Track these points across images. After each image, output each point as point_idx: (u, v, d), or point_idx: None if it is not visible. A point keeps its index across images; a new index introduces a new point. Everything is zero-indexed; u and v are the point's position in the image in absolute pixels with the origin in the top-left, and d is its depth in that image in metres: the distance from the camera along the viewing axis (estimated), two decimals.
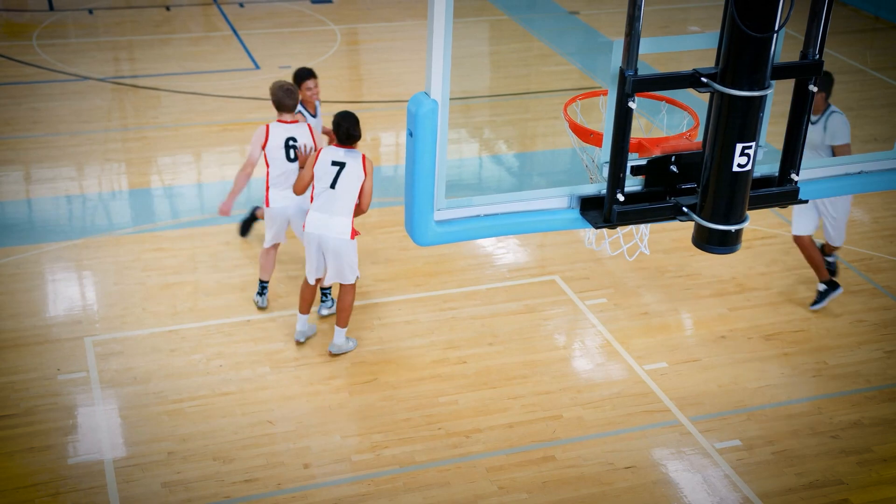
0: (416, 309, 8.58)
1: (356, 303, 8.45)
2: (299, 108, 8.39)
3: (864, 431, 7.34)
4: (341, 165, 7.44)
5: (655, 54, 11.94)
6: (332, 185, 7.45)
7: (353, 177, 7.44)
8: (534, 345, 8.20)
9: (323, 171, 7.47)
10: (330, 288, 8.46)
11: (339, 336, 7.93)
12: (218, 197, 10.43)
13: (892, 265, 9.46)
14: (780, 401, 7.65)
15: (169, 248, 9.39)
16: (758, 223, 10.04)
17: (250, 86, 13.03)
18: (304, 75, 8.51)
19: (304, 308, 7.96)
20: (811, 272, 9.28)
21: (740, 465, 7.01)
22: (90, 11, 15.69)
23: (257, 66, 13.70)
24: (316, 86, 8.53)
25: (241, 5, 16.13)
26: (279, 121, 8.00)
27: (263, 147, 7.99)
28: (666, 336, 8.37)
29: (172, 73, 13.39)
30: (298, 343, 8.04)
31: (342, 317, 7.85)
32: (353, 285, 7.80)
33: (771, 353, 8.19)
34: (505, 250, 9.52)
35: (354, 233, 7.58)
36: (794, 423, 7.43)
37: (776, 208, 10.12)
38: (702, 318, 8.65)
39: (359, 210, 7.54)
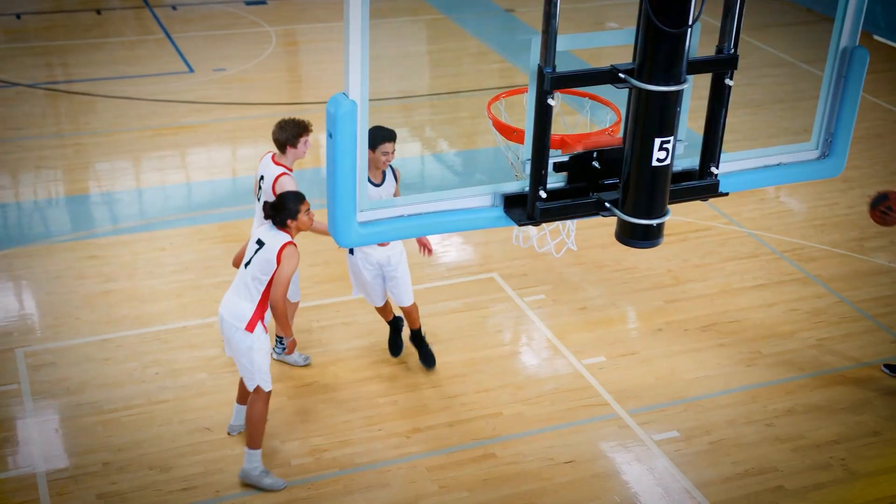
0: (355, 311, 8.54)
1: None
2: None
3: (797, 418, 7.46)
4: (260, 245, 6.35)
5: (592, 51, 12.05)
6: (246, 264, 6.41)
7: (264, 262, 6.28)
8: (473, 343, 8.21)
9: (250, 243, 6.47)
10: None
11: (248, 459, 6.62)
12: (153, 202, 10.30)
13: (824, 254, 9.64)
14: (717, 391, 7.75)
15: (103, 255, 9.24)
16: (693, 215, 10.16)
17: (184, 89, 12.88)
18: (382, 137, 6.93)
19: (239, 397, 7.00)
20: (746, 263, 9.43)
21: (678, 456, 7.09)
22: (17, 16, 15.39)
23: (191, 70, 13.55)
24: (393, 150, 7.00)
25: (174, 8, 15.93)
26: (269, 153, 7.25)
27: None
28: (604, 330, 8.43)
29: (104, 77, 13.18)
30: (229, 435, 7.08)
31: (248, 435, 6.59)
32: (260, 395, 6.49)
33: (707, 343, 8.30)
34: (444, 249, 9.52)
35: (253, 324, 6.33)
36: (730, 412, 7.53)
37: (710, 200, 10.23)
38: (639, 311, 8.72)
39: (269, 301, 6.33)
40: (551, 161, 3.74)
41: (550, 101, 3.53)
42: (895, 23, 15.31)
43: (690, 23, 3.39)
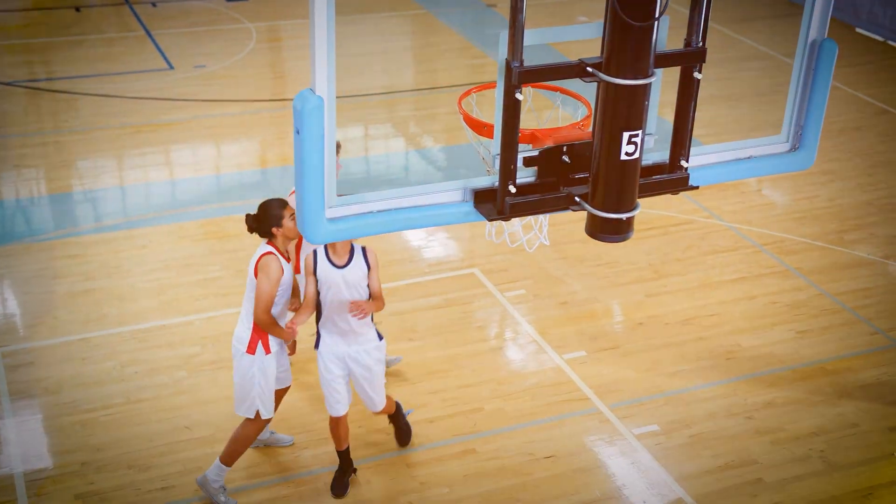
0: None
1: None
2: None
3: (777, 411, 7.48)
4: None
5: (567, 45, 12.04)
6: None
7: (250, 278, 6.10)
8: (454, 339, 8.20)
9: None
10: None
11: (215, 471, 6.40)
12: (135, 200, 10.26)
13: (804, 247, 9.66)
14: (697, 384, 7.76)
15: (82, 254, 9.19)
16: (673, 209, 10.18)
17: (164, 86, 12.82)
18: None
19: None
20: (727, 257, 9.44)
21: (658, 450, 7.10)
22: None
23: (171, 67, 13.48)
24: None
25: (154, 5, 15.86)
26: None
27: None
28: (585, 325, 8.43)
29: (84, 75, 13.11)
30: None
31: (227, 450, 6.37)
32: (257, 420, 6.27)
33: (687, 337, 8.31)
34: (425, 244, 9.51)
35: (252, 346, 6.11)
36: (710, 405, 7.54)
37: (690, 193, 10.27)
38: (620, 305, 8.73)
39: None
40: (521, 156, 3.73)
41: (518, 96, 3.52)
42: (876, 15, 15.36)
43: (657, 16, 3.38)
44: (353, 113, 12.16)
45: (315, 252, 6.07)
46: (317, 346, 6.29)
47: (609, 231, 3.73)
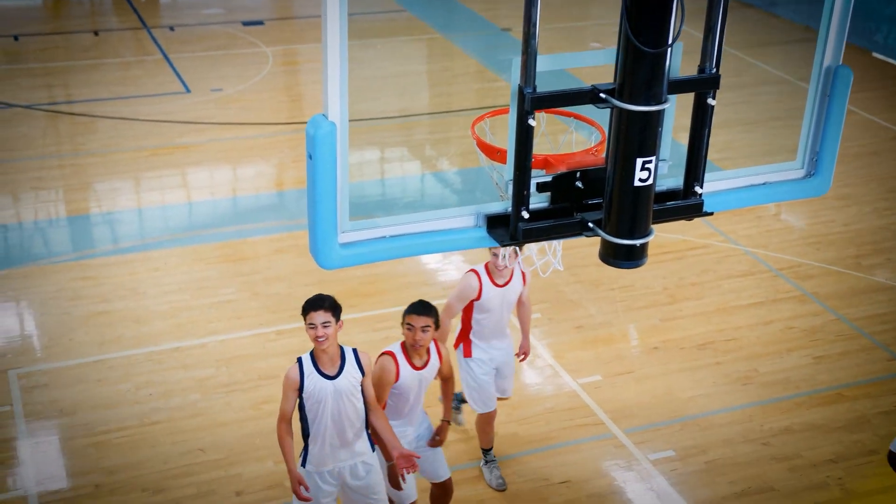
0: (351, 330, 8.49)
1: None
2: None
3: (793, 437, 7.41)
4: None
5: (581, 69, 12.05)
6: None
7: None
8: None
9: None
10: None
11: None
12: (151, 222, 10.30)
13: (820, 272, 9.61)
14: (713, 410, 7.71)
15: (97, 276, 9.23)
16: (689, 234, 10.14)
17: (181, 109, 12.91)
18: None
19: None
20: (743, 281, 9.40)
21: (674, 476, 7.04)
22: (15, 38, 15.45)
23: (188, 90, 13.58)
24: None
25: (172, 29, 15.99)
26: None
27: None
28: (600, 349, 8.40)
29: (102, 98, 13.21)
30: None
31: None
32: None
33: (703, 362, 8.26)
34: (442, 267, 9.50)
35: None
36: (727, 431, 7.48)
37: (706, 217, 10.23)
38: (635, 329, 8.69)
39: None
40: (534, 181, 3.71)
41: (531, 122, 3.52)
42: (892, 40, 15.32)
43: (670, 42, 3.38)
44: (368, 136, 12.20)
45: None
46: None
47: (622, 257, 3.71)
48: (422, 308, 5.74)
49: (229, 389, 7.75)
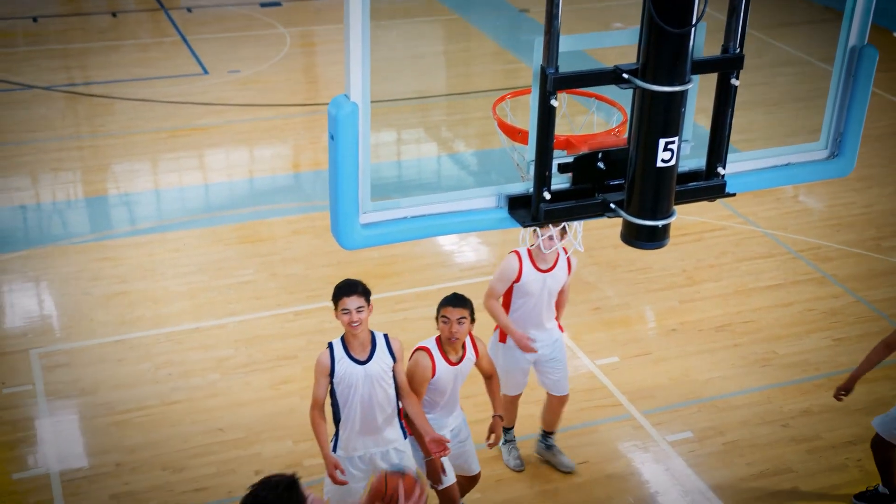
0: None
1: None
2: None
3: (813, 419, 7.40)
4: None
5: (602, 50, 12.00)
6: None
7: None
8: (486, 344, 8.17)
9: None
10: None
11: None
12: (169, 204, 10.34)
13: (840, 254, 9.56)
14: (731, 391, 7.70)
15: (117, 256, 9.28)
16: (708, 215, 10.11)
17: (199, 91, 12.92)
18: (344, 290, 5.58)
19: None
20: (762, 263, 9.37)
21: (692, 457, 7.04)
22: (34, 19, 15.49)
23: (206, 71, 13.59)
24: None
25: (189, 10, 15.99)
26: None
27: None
28: (618, 330, 8.39)
29: (120, 80, 13.24)
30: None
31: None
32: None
33: (721, 344, 8.24)
34: (458, 249, 9.50)
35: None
36: (745, 412, 7.47)
37: (725, 199, 10.19)
38: (653, 311, 8.68)
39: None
40: (556, 162, 3.70)
41: (553, 102, 3.50)
42: None
43: (694, 22, 3.36)
44: (385, 118, 12.18)
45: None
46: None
47: (644, 238, 3.70)
48: (457, 300, 5.68)
49: (248, 370, 7.79)
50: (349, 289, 5.40)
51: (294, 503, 3.94)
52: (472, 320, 5.70)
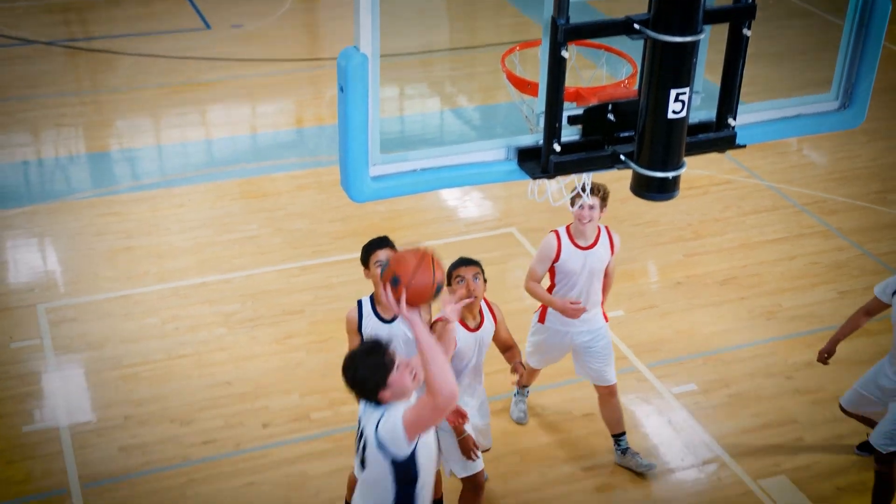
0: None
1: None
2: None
3: (817, 371, 7.43)
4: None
5: (609, 5, 11.89)
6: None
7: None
8: (492, 297, 8.18)
9: None
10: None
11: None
12: (172, 159, 10.32)
13: (845, 207, 9.55)
14: (736, 344, 7.73)
15: (123, 212, 9.28)
16: (713, 168, 10.08)
17: (201, 46, 12.83)
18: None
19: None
20: (767, 217, 9.36)
21: (697, 409, 7.09)
22: None
23: (208, 26, 13.48)
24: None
25: None
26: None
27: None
28: (623, 284, 8.39)
29: (122, 34, 13.15)
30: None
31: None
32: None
33: (727, 297, 8.26)
34: (462, 204, 9.49)
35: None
36: (750, 365, 7.51)
37: (729, 152, 10.16)
38: (658, 265, 8.69)
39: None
40: (565, 114, 3.69)
41: (564, 54, 3.48)
42: None
43: None
44: (389, 73, 12.09)
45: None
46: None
47: (655, 189, 3.70)
48: (466, 260, 5.59)
49: (254, 324, 7.82)
50: (381, 243, 5.43)
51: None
52: (485, 279, 5.65)
